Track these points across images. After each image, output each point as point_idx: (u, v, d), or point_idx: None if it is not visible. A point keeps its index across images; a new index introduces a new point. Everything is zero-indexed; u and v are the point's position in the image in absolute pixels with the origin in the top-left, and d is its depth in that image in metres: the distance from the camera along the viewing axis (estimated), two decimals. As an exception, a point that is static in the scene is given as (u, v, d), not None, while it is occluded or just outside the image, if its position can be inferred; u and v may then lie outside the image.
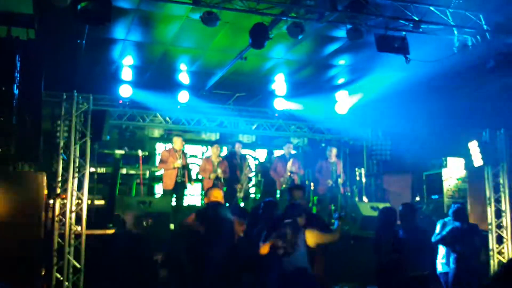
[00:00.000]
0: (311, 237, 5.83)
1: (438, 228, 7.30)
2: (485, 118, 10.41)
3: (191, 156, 12.23)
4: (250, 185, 11.81)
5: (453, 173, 11.25)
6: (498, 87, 10.91)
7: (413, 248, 6.46)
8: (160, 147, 13.53)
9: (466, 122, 11.19)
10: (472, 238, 7.22)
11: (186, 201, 11.77)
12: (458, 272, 7.01)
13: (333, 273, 7.20)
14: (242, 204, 10.84)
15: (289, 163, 11.21)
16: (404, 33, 7.99)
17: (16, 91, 6.48)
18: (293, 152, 11.79)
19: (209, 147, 13.31)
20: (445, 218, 7.40)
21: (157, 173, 11.76)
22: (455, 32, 8.13)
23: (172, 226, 9.55)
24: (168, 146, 12.58)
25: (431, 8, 7.82)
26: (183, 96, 11.79)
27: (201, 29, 7.97)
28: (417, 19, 7.82)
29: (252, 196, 12.28)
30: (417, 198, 11.66)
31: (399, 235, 6.67)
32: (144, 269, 8.33)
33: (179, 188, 10.60)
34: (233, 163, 11.23)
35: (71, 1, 6.64)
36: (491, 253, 8.96)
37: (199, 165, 11.69)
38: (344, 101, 12.90)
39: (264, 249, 5.66)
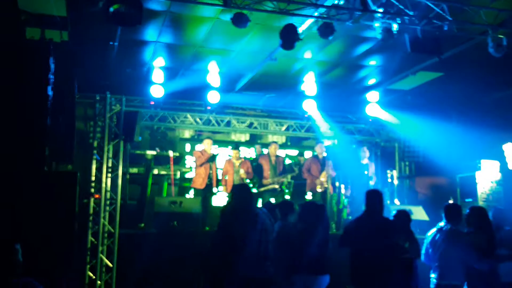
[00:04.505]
0: None
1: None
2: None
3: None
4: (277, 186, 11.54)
5: (487, 176, 11.00)
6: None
7: None
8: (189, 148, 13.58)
9: (501, 124, 10.96)
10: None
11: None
12: None
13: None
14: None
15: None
16: (437, 33, 7.87)
17: (50, 93, 6.60)
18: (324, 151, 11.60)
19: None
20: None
21: (187, 174, 11.82)
22: (490, 31, 7.96)
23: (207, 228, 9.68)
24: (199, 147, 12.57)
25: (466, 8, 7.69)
26: (214, 97, 11.82)
27: (232, 31, 7.98)
28: (450, 18, 7.69)
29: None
30: (450, 201, 11.42)
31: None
32: (176, 269, 8.39)
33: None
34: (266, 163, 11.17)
35: (103, 3, 6.75)
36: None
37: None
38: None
39: None
